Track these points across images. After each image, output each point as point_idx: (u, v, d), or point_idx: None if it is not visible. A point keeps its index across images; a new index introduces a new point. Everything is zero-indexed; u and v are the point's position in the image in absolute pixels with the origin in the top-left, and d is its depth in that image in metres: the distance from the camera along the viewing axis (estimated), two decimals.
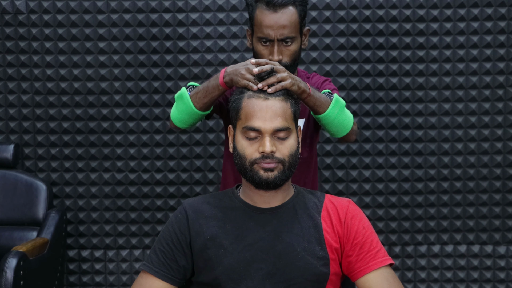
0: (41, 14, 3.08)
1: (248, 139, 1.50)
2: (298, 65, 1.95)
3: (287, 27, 1.83)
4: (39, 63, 3.11)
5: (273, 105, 1.50)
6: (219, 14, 3.07)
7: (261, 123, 1.48)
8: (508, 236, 3.11)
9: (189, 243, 1.55)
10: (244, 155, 1.51)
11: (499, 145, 3.07)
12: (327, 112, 1.74)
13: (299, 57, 1.91)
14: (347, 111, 1.81)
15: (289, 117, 1.51)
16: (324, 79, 2.02)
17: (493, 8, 3.01)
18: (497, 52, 3.03)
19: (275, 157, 1.49)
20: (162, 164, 3.15)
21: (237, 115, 1.53)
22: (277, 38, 1.83)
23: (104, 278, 3.20)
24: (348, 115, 1.81)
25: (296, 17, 1.84)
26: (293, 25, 1.84)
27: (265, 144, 1.47)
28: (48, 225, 2.91)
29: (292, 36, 1.84)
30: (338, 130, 1.81)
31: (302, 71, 2.05)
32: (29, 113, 3.14)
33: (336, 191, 3.12)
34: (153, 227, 3.18)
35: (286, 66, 1.84)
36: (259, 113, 1.49)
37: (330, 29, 3.04)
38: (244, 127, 1.50)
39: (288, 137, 1.51)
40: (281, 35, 1.83)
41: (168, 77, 3.10)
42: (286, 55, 1.86)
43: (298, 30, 1.86)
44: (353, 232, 1.55)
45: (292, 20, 1.83)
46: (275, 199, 1.57)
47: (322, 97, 1.73)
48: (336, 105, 1.75)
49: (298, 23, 1.85)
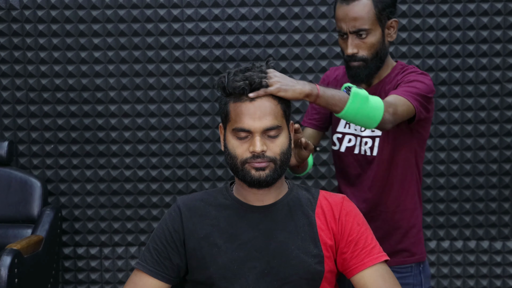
0: (34, 10, 3.05)
1: (239, 139, 1.49)
2: (384, 58, 1.86)
3: (358, 19, 1.78)
4: (33, 59, 3.09)
5: (261, 105, 1.47)
6: (214, 10, 3.05)
7: (251, 123, 1.46)
8: (504, 232, 3.10)
9: (183, 242, 1.54)
10: (235, 155, 1.49)
11: (495, 140, 3.07)
12: (345, 110, 1.62)
13: (382, 50, 1.84)
14: (373, 102, 1.65)
15: (279, 115, 1.50)
16: (411, 75, 1.85)
17: (489, 3, 3.00)
18: (493, 47, 3.02)
19: (266, 156, 1.47)
20: (157, 160, 3.13)
21: (226, 117, 1.52)
22: (349, 31, 1.80)
23: (100, 276, 3.19)
24: (374, 105, 1.65)
25: (370, 8, 1.79)
26: (366, 17, 1.79)
27: (255, 143, 1.46)
28: (43, 223, 2.90)
29: (366, 29, 1.79)
30: (366, 124, 1.68)
31: (400, 64, 1.92)
32: (23, 110, 3.12)
33: (333, 187, 3.11)
34: (149, 224, 3.17)
35: (365, 59, 1.81)
36: (248, 113, 1.47)
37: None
38: (234, 128, 1.49)
39: (278, 135, 1.49)
40: (352, 27, 1.79)
41: (163, 73, 3.08)
42: (363, 48, 1.81)
43: (374, 22, 1.80)
44: (348, 229, 1.54)
45: (364, 12, 1.78)
46: (269, 197, 1.56)
47: (336, 96, 1.62)
48: (355, 99, 1.62)
49: (373, 14, 1.79)
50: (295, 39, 3.05)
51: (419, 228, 1.96)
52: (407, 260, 1.93)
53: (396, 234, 1.92)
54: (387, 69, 1.90)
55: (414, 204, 1.94)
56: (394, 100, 1.72)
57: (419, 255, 1.95)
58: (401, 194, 1.92)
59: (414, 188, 1.94)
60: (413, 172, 1.93)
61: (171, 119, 3.11)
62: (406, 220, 1.93)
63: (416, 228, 1.95)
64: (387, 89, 1.86)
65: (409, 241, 1.93)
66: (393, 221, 1.92)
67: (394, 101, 1.72)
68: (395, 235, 1.92)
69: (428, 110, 1.83)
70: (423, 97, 1.79)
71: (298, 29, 3.04)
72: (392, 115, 1.68)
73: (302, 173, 1.93)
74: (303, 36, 3.05)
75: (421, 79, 1.82)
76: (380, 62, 1.85)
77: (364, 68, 1.83)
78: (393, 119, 1.69)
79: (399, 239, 1.93)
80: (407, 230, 1.93)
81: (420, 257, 1.95)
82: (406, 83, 1.81)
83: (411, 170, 1.92)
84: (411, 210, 1.94)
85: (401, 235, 1.93)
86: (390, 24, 1.85)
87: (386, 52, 1.86)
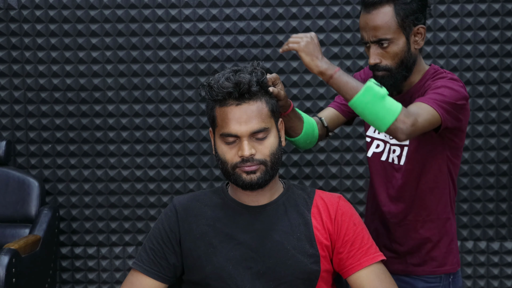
0: (32, 9, 3.05)
1: (227, 143, 1.50)
2: (411, 66, 1.77)
3: (379, 28, 1.71)
4: (31, 59, 3.09)
5: (247, 109, 1.47)
6: (212, 10, 3.05)
7: (237, 127, 1.46)
8: (502, 232, 3.11)
9: (179, 241, 1.54)
10: (225, 160, 1.50)
11: (493, 141, 3.07)
12: (354, 100, 1.58)
13: (408, 58, 1.75)
14: (388, 103, 1.59)
15: (266, 116, 1.50)
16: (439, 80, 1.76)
17: (487, 3, 3.00)
18: (491, 48, 3.02)
19: (256, 159, 1.48)
20: (155, 160, 3.13)
21: (213, 122, 1.52)
22: (370, 40, 1.74)
23: (97, 275, 3.19)
24: (388, 107, 1.58)
25: (391, 17, 1.71)
26: (387, 25, 1.71)
27: (243, 148, 1.46)
28: (41, 222, 2.90)
29: (387, 38, 1.72)
30: (375, 123, 1.61)
31: (433, 69, 1.83)
32: (21, 110, 3.12)
33: (330, 188, 3.11)
34: (147, 224, 3.17)
35: (389, 69, 1.74)
36: (233, 118, 1.47)
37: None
38: (222, 134, 1.49)
39: (267, 137, 1.50)
40: (373, 37, 1.73)
41: (161, 73, 3.08)
42: (386, 57, 1.74)
43: (397, 30, 1.72)
44: (344, 229, 1.54)
45: (385, 21, 1.71)
46: (263, 197, 1.56)
47: (349, 83, 1.59)
48: (366, 93, 1.57)
49: (395, 23, 1.71)
50: None
51: (452, 239, 1.89)
52: (436, 270, 1.87)
53: (426, 244, 1.87)
54: (418, 75, 1.82)
55: (447, 214, 1.87)
56: (416, 110, 1.64)
57: (449, 266, 1.87)
58: (432, 203, 1.85)
59: (446, 197, 1.86)
60: (445, 181, 1.85)
61: (168, 119, 3.11)
62: (437, 230, 1.86)
63: (447, 238, 1.88)
64: (416, 96, 1.78)
65: (440, 251, 1.87)
66: (423, 230, 1.86)
67: (417, 110, 1.63)
68: (426, 244, 1.87)
69: (458, 118, 1.74)
70: (451, 104, 1.69)
71: (296, 30, 3.04)
72: (410, 126, 1.59)
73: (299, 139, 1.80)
74: None
75: (450, 84, 1.72)
76: (406, 71, 1.77)
77: (388, 77, 1.76)
78: (411, 131, 1.60)
79: (429, 249, 1.87)
80: (438, 240, 1.87)
81: (451, 268, 1.88)
82: (433, 89, 1.72)
83: (443, 179, 1.84)
84: (443, 220, 1.87)
85: (432, 245, 1.86)
86: (417, 31, 1.76)
87: (413, 60, 1.78)
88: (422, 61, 1.83)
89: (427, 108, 1.65)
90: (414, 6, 1.74)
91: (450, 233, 1.89)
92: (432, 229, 1.86)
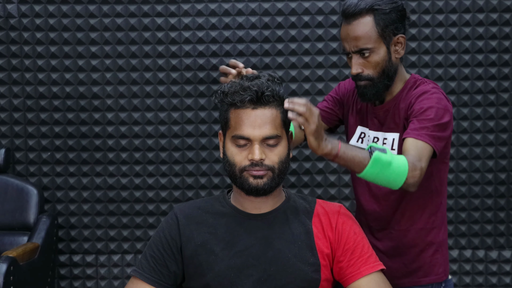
0: (32, 18, 3.06)
1: (238, 146, 1.50)
2: (392, 76, 1.79)
3: (359, 38, 1.73)
4: (30, 67, 3.10)
5: (262, 114, 1.49)
6: (211, 19, 3.07)
7: (250, 131, 1.47)
8: (500, 241, 3.11)
9: (180, 249, 1.54)
10: (234, 162, 1.50)
11: (491, 150, 3.08)
12: (364, 173, 1.57)
13: (389, 67, 1.77)
14: (396, 166, 1.57)
15: (279, 125, 1.51)
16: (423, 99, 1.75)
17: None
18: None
19: (265, 164, 1.48)
20: (154, 168, 3.14)
21: (226, 124, 1.53)
22: (352, 50, 1.76)
23: (96, 283, 3.19)
24: (397, 170, 1.57)
25: (371, 27, 1.73)
26: (368, 35, 1.73)
27: (254, 152, 1.47)
28: (39, 230, 2.90)
29: (368, 47, 1.74)
30: (388, 186, 1.62)
31: (413, 78, 1.85)
32: (20, 117, 3.13)
33: (329, 196, 3.11)
34: (145, 232, 3.17)
35: (371, 78, 1.76)
36: (248, 121, 1.48)
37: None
38: (234, 136, 1.50)
39: (277, 144, 1.51)
40: (355, 47, 1.74)
41: (160, 81, 3.09)
42: (368, 67, 1.75)
43: (377, 40, 1.74)
44: (344, 238, 1.55)
45: (365, 31, 1.73)
46: (266, 205, 1.56)
47: (356, 158, 1.56)
48: (375, 165, 1.56)
49: (375, 33, 1.73)
50: (292, 48, 3.06)
51: (437, 248, 1.86)
52: (421, 280, 1.85)
53: (409, 253, 1.85)
54: (400, 83, 1.83)
55: (432, 223, 1.85)
56: (415, 153, 1.63)
57: (435, 275, 1.85)
58: (417, 212, 1.84)
59: (432, 206, 1.85)
60: (432, 188, 1.83)
61: (167, 127, 3.11)
62: (421, 239, 1.85)
63: (433, 247, 1.86)
64: (400, 107, 1.80)
65: (424, 260, 1.85)
66: (406, 240, 1.85)
67: (416, 153, 1.63)
68: (409, 254, 1.85)
69: (446, 136, 1.74)
70: (439, 126, 1.70)
71: (295, 38, 3.06)
72: (419, 177, 1.61)
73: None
74: (300, 45, 3.06)
75: (434, 102, 1.73)
76: (388, 80, 1.79)
77: (371, 87, 1.78)
78: (419, 179, 1.62)
79: (412, 258, 1.85)
80: (422, 250, 1.85)
81: (437, 277, 1.86)
82: (421, 113, 1.71)
83: (430, 186, 1.83)
84: (427, 230, 1.85)
85: (415, 254, 1.85)
86: (397, 40, 1.78)
87: (394, 69, 1.79)
88: (403, 70, 1.85)
89: (423, 146, 1.66)
90: (393, 16, 1.76)
91: (437, 242, 1.86)
92: (416, 239, 1.85)
